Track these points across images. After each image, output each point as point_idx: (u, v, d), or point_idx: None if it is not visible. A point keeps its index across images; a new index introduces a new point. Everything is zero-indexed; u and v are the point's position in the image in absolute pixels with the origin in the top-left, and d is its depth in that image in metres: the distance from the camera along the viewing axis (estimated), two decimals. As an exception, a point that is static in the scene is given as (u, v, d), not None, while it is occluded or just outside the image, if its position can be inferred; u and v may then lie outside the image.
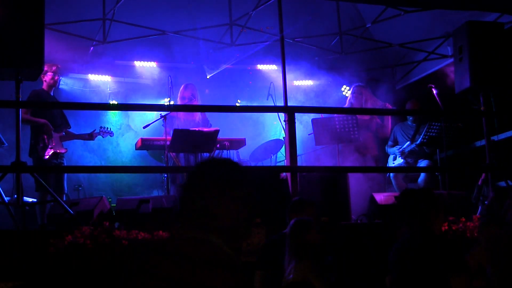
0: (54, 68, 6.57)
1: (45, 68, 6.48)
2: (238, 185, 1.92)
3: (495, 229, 3.45)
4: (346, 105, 7.66)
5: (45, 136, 6.29)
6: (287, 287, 3.72)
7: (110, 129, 7.21)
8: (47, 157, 6.29)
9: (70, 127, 6.68)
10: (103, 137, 7.22)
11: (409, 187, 7.34)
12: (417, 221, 3.05)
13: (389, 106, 7.65)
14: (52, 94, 6.59)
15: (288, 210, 4.24)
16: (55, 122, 6.50)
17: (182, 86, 7.42)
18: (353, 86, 7.69)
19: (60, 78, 6.77)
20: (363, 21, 8.97)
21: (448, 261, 2.88)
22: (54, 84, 6.61)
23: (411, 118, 7.52)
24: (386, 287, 3.28)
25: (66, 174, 6.60)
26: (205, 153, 6.86)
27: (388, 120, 7.66)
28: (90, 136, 6.91)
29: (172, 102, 7.50)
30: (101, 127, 7.13)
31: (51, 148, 6.33)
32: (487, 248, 3.45)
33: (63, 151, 6.50)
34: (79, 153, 8.64)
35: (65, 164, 6.78)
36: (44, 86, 6.54)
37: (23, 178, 5.24)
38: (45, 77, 6.51)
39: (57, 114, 6.58)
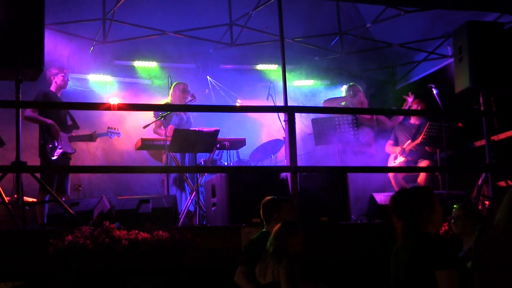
0: (65, 70, 6.59)
1: (56, 70, 6.50)
2: None
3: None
4: (336, 102, 7.62)
5: (54, 137, 6.29)
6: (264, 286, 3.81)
7: (118, 129, 7.23)
8: (56, 157, 6.29)
9: (78, 128, 6.69)
10: (111, 137, 7.27)
11: (409, 187, 7.34)
12: (409, 223, 3.02)
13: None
14: (59, 95, 6.59)
15: (269, 209, 4.27)
16: (64, 123, 6.51)
17: (182, 86, 7.35)
18: (350, 85, 7.68)
19: (68, 79, 6.77)
20: (363, 21, 8.97)
21: (434, 257, 2.84)
22: (64, 86, 6.61)
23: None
24: None
25: (69, 177, 6.58)
26: (205, 153, 6.87)
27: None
28: (90, 137, 6.89)
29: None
30: (108, 128, 7.16)
31: (60, 149, 6.33)
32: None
33: (71, 151, 6.51)
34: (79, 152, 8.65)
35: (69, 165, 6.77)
36: (53, 87, 6.53)
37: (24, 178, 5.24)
38: (55, 79, 6.50)
39: (65, 115, 6.59)
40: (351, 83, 7.78)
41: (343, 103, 7.59)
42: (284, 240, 3.83)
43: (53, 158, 6.26)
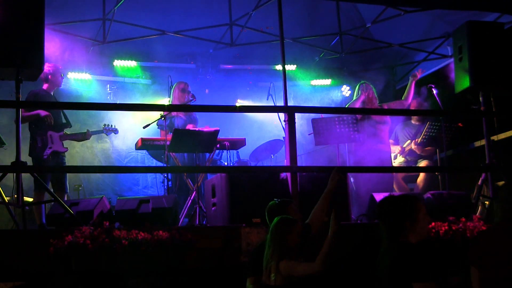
0: (55, 66, 6.54)
1: (51, 69, 6.47)
2: None
3: None
4: (357, 103, 7.47)
5: (45, 135, 6.27)
6: None
7: (114, 126, 7.18)
8: (46, 156, 6.26)
9: (71, 126, 6.64)
10: (107, 135, 7.24)
11: (409, 187, 7.35)
12: (390, 230, 3.04)
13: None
14: (52, 93, 6.55)
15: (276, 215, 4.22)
16: (56, 121, 6.48)
17: (182, 85, 7.35)
18: (361, 84, 7.58)
19: (63, 77, 6.74)
20: (363, 21, 8.97)
21: (411, 268, 2.84)
22: (56, 82, 6.56)
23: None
24: None
25: (67, 174, 6.57)
26: (205, 153, 6.86)
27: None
28: (84, 136, 6.83)
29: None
30: (104, 125, 7.11)
31: (50, 148, 6.30)
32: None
33: (63, 150, 6.48)
34: (80, 152, 8.67)
35: (66, 164, 6.75)
36: (45, 86, 6.49)
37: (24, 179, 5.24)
38: (46, 76, 6.47)
39: (58, 113, 6.55)
40: (361, 81, 7.72)
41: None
42: (283, 237, 3.74)
43: (44, 157, 6.24)
